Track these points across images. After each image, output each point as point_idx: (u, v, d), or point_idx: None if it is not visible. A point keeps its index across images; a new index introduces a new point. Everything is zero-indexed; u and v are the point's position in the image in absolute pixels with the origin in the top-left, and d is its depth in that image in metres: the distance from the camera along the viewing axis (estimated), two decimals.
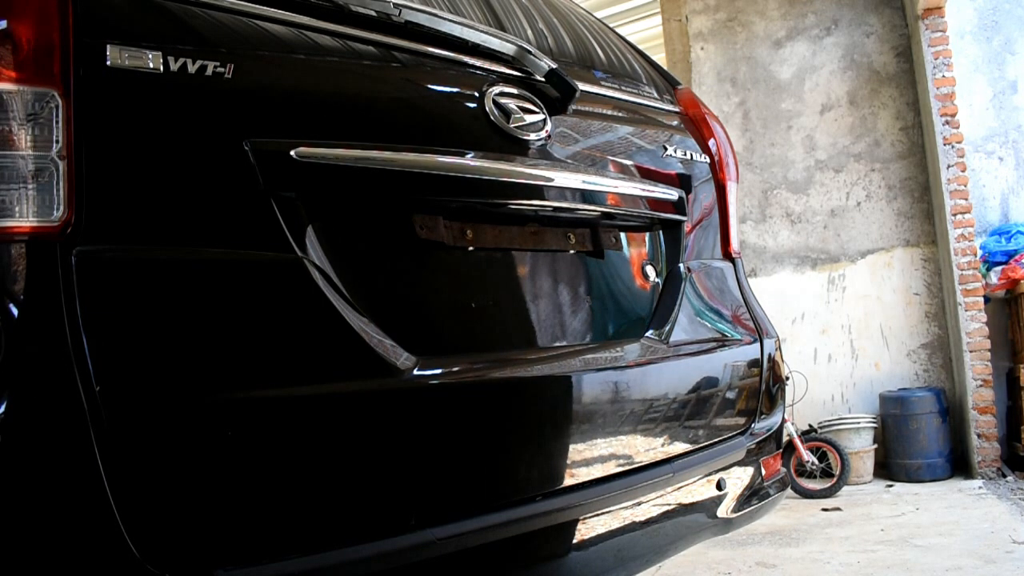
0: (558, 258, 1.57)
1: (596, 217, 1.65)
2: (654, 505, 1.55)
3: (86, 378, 0.93)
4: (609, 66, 1.88)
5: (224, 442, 1.02)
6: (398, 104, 1.36)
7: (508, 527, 1.27)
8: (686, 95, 2.03)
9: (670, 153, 1.84)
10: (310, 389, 1.11)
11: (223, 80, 1.12)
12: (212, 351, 1.05)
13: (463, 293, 1.39)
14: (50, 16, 0.98)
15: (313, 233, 1.19)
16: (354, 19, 1.32)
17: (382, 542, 1.13)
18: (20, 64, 0.96)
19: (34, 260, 0.95)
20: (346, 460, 1.14)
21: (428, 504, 1.21)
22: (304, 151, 1.17)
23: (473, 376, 1.32)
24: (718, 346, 1.81)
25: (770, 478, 1.86)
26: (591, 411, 1.45)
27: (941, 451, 5.32)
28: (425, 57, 1.41)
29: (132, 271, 1.01)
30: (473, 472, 1.29)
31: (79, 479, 0.92)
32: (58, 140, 0.97)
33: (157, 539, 0.96)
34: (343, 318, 1.16)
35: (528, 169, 1.46)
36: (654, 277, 1.76)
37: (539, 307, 1.50)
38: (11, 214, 0.95)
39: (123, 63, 1.03)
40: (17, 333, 0.92)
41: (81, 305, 0.95)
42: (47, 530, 0.90)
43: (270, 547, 1.05)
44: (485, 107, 1.42)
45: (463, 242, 1.39)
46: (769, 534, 4.06)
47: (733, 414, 1.80)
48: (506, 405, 1.35)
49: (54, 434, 0.91)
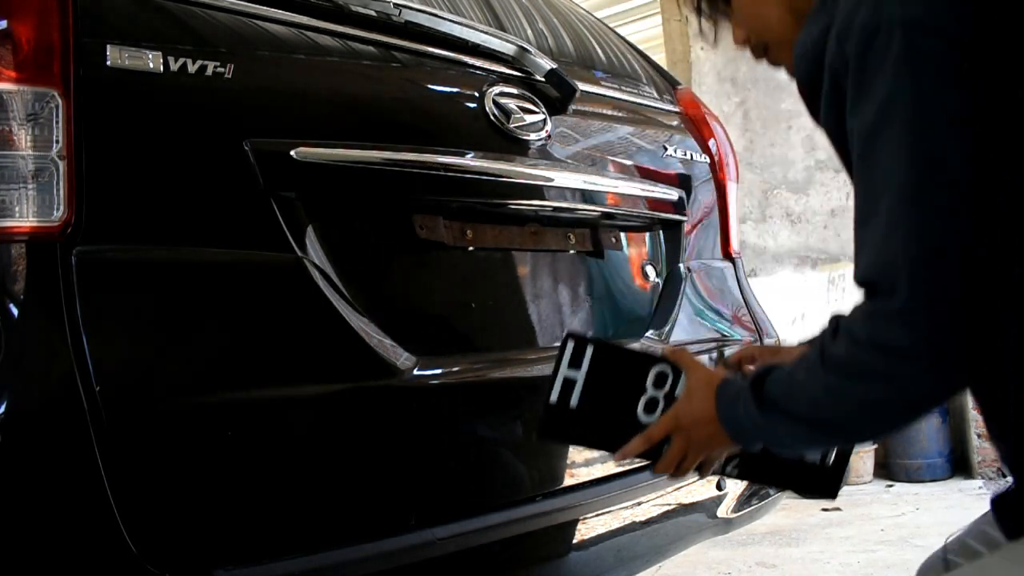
0: (558, 258, 1.57)
1: (596, 217, 1.65)
2: (654, 505, 1.55)
3: (86, 378, 0.93)
4: (609, 66, 1.88)
5: (224, 441, 1.03)
6: (398, 104, 1.36)
7: (508, 527, 1.27)
8: (686, 95, 2.03)
9: (670, 153, 1.84)
10: (310, 389, 1.11)
11: (223, 80, 1.12)
12: (212, 351, 1.05)
13: (463, 293, 1.39)
14: (50, 16, 0.98)
15: (313, 233, 1.19)
16: (354, 19, 1.32)
17: (382, 542, 1.13)
18: (20, 64, 0.96)
19: (34, 260, 0.95)
20: (346, 460, 1.14)
21: (428, 504, 1.21)
22: (304, 151, 1.17)
23: (473, 376, 1.32)
24: (718, 346, 1.81)
25: None
26: None
27: (941, 451, 5.32)
28: (425, 57, 1.41)
29: (132, 271, 1.01)
30: (473, 472, 1.29)
31: (79, 479, 0.92)
32: (58, 140, 0.97)
33: (157, 539, 0.96)
34: (343, 318, 1.16)
35: (528, 169, 1.46)
36: (654, 277, 1.76)
37: (539, 307, 1.50)
38: (11, 214, 0.95)
39: (123, 63, 1.03)
40: (17, 333, 0.92)
41: (81, 305, 0.95)
42: (47, 530, 0.90)
43: (270, 546, 1.05)
44: (485, 107, 1.42)
45: (463, 242, 1.39)
46: (769, 534, 4.06)
47: None
48: (506, 405, 1.35)
49: (54, 434, 0.92)
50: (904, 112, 0.81)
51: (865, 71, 0.84)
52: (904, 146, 0.81)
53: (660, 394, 1.11)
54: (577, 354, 1.11)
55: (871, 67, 0.84)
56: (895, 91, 0.82)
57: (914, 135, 0.81)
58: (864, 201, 0.86)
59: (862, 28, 0.84)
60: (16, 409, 0.89)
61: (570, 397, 1.11)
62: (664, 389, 1.11)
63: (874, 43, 0.83)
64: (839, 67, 0.88)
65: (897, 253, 0.80)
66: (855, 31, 0.85)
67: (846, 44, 0.87)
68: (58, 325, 0.93)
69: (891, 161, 0.81)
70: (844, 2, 0.90)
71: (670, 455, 1.07)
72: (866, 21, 0.84)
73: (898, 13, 0.82)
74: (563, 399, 1.11)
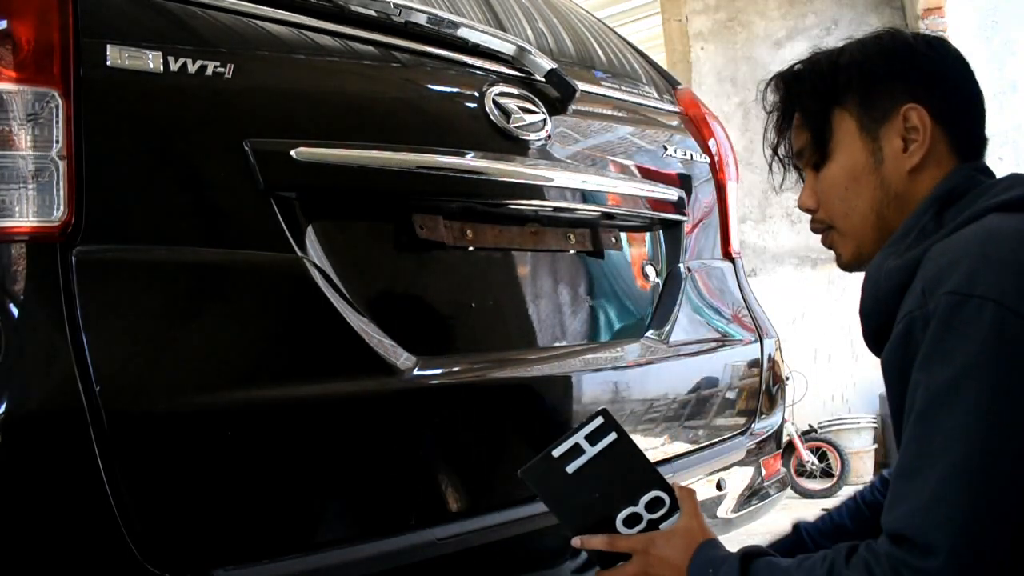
0: (558, 258, 1.57)
1: (596, 217, 1.65)
2: None
3: (86, 378, 0.93)
4: (609, 66, 1.88)
5: (224, 441, 1.02)
6: (398, 104, 1.36)
7: (508, 527, 1.27)
8: (686, 95, 2.03)
9: (670, 153, 1.84)
10: (310, 389, 1.11)
11: (223, 80, 1.11)
12: (212, 352, 1.05)
13: (463, 293, 1.39)
14: (50, 16, 0.98)
15: (313, 233, 1.19)
16: (354, 19, 1.32)
17: (382, 542, 1.13)
18: (20, 64, 0.96)
19: (34, 260, 0.95)
20: (346, 460, 1.14)
21: (428, 504, 1.21)
22: (304, 151, 1.17)
23: (473, 376, 1.32)
24: (718, 346, 1.81)
25: (770, 478, 1.86)
26: (591, 411, 1.45)
27: None
28: (425, 57, 1.41)
29: (132, 271, 1.01)
30: (473, 472, 1.29)
31: (79, 479, 0.92)
32: (58, 140, 0.97)
33: (156, 539, 0.96)
34: (343, 318, 1.16)
35: (528, 169, 1.46)
36: (654, 277, 1.76)
37: (539, 307, 1.50)
38: (11, 214, 0.95)
39: (123, 63, 1.03)
40: (17, 333, 0.92)
41: (81, 305, 0.95)
42: (47, 530, 0.90)
43: (270, 547, 1.05)
44: (485, 107, 1.42)
45: (463, 242, 1.39)
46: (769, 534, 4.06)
47: (733, 414, 1.80)
48: (506, 405, 1.35)
49: (54, 434, 0.91)
50: (980, 387, 0.83)
51: (948, 334, 0.86)
52: (975, 420, 0.82)
53: (647, 516, 1.13)
54: (599, 432, 1.13)
55: (955, 332, 0.85)
56: (976, 363, 0.83)
57: (987, 414, 0.82)
58: (915, 456, 0.87)
59: (954, 292, 0.86)
60: (16, 409, 0.89)
61: (571, 461, 1.12)
62: (653, 515, 1.13)
63: (963, 310, 0.85)
64: (918, 318, 0.89)
65: (943, 518, 0.82)
66: (945, 291, 0.87)
67: (931, 299, 0.88)
68: (58, 325, 0.93)
69: (957, 429, 0.83)
70: (937, 254, 0.91)
71: (622, 573, 1.10)
72: (959, 286, 0.86)
73: (994, 291, 0.84)
74: (564, 458, 1.12)
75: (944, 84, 1.08)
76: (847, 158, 1.10)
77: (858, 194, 1.09)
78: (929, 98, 1.06)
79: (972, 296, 0.85)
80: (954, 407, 0.84)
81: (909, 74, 1.08)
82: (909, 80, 1.08)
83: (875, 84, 1.09)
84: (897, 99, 1.07)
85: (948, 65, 1.10)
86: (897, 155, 1.07)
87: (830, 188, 1.12)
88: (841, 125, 1.10)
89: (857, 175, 1.09)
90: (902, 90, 1.07)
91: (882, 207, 1.08)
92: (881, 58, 1.09)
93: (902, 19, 5.91)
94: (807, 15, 6.17)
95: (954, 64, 1.10)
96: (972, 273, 0.86)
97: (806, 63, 1.15)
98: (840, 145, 1.10)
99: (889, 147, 1.07)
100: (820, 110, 1.11)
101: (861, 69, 1.09)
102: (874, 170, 1.08)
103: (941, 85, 1.08)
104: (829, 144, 1.11)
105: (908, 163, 1.06)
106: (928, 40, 1.12)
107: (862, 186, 1.08)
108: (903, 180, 1.07)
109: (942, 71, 1.09)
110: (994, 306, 0.83)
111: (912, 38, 1.12)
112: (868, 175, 1.08)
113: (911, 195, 1.06)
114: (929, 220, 1.01)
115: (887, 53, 1.09)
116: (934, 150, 1.06)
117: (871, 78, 1.09)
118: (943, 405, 0.85)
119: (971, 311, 0.84)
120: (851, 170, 1.09)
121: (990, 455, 0.82)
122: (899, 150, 1.07)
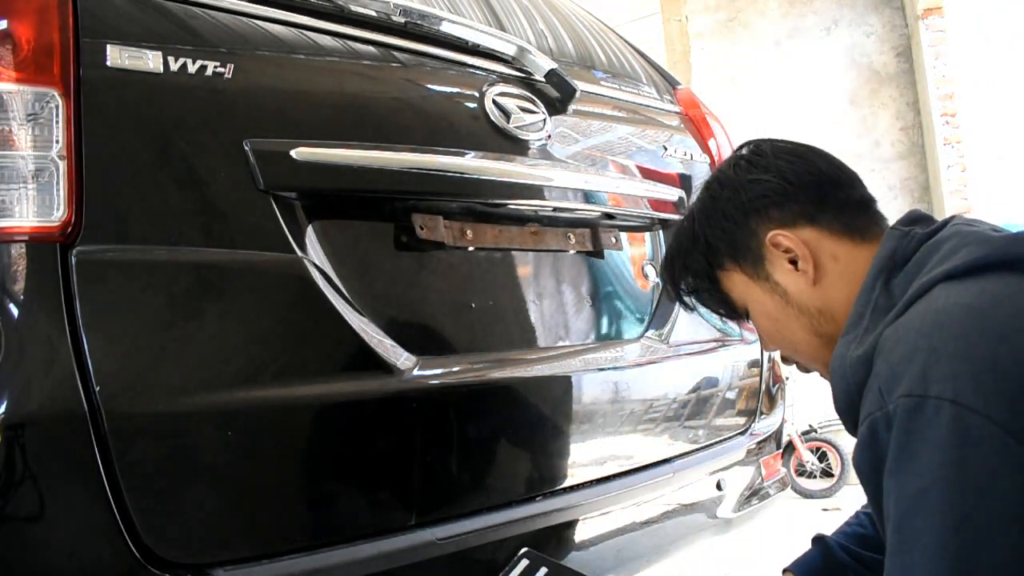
0: (558, 258, 1.57)
1: (596, 217, 1.65)
2: (654, 505, 1.55)
3: (86, 379, 0.93)
4: (609, 66, 1.88)
5: (223, 442, 1.03)
6: (398, 104, 1.36)
7: (508, 527, 1.27)
8: (686, 95, 2.03)
9: (670, 153, 1.84)
10: (310, 389, 1.11)
11: (223, 80, 1.11)
12: (212, 352, 1.05)
13: (463, 293, 1.39)
14: (50, 16, 0.98)
15: (313, 233, 1.19)
16: (354, 19, 1.32)
17: (382, 542, 1.13)
18: (20, 64, 0.96)
19: (34, 260, 0.95)
20: (346, 460, 1.14)
21: (428, 504, 1.21)
22: (304, 151, 1.17)
23: (473, 376, 1.32)
24: (718, 346, 1.81)
25: (770, 478, 1.86)
26: (591, 411, 1.45)
27: None
28: (425, 57, 1.41)
29: (132, 272, 1.01)
30: (473, 472, 1.29)
31: (78, 479, 0.92)
32: (58, 140, 0.97)
33: (156, 539, 0.96)
34: (343, 318, 1.16)
35: (528, 169, 1.46)
36: (654, 277, 1.76)
37: (539, 307, 1.50)
38: (11, 214, 0.95)
39: (123, 63, 1.03)
40: (17, 333, 0.92)
41: (81, 305, 0.95)
42: (47, 530, 0.90)
43: (270, 546, 1.05)
44: (485, 107, 1.42)
45: (463, 242, 1.39)
46: (769, 534, 4.06)
47: (733, 414, 1.80)
48: (506, 405, 1.35)
49: (54, 434, 0.91)
50: (947, 499, 0.81)
51: (910, 440, 0.84)
52: (950, 534, 0.80)
53: None
54: (529, 571, 1.16)
55: (916, 437, 0.83)
56: (941, 474, 0.81)
57: (959, 528, 0.80)
58: (900, 569, 0.85)
59: (908, 394, 0.84)
60: (16, 409, 0.89)
61: None
62: None
63: (921, 414, 0.83)
64: (880, 419, 0.87)
65: None
66: (901, 394, 0.84)
67: (889, 400, 0.86)
68: (58, 325, 0.93)
69: (931, 547, 0.81)
70: (890, 345, 0.89)
71: None
72: (913, 387, 0.83)
73: (948, 390, 0.81)
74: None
75: (785, 194, 1.07)
76: (758, 305, 1.11)
77: (788, 328, 1.10)
78: (783, 215, 1.07)
79: (928, 397, 0.82)
80: (927, 519, 0.82)
81: (752, 208, 1.08)
82: (758, 213, 1.08)
83: (732, 237, 1.10)
84: (758, 235, 1.08)
85: (777, 172, 1.09)
86: (794, 279, 1.07)
87: (764, 333, 1.15)
88: (733, 283, 1.12)
89: (775, 315, 1.10)
90: (756, 224, 1.08)
91: (816, 327, 1.07)
92: (720, 214, 1.11)
93: (902, 19, 5.90)
94: (807, 15, 6.17)
95: (783, 166, 1.09)
96: (925, 372, 0.83)
97: (671, 247, 1.19)
98: (744, 297, 1.12)
99: (783, 277, 1.08)
100: (708, 284, 1.15)
101: (713, 234, 1.11)
102: (785, 304, 1.09)
103: (783, 196, 1.07)
104: (736, 303, 1.14)
105: (807, 280, 1.06)
106: (749, 160, 1.12)
107: (786, 321, 1.09)
108: (815, 296, 1.06)
109: (776, 183, 1.08)
110: (951, 406, 0.81)
111: (734, 170, 1.12)
112: (783, 310, 1.09)
113: (832, 302, 1.05)
114: (879, 295, 0.98)
115: (725, 202, 1.11)
116: (821, 251, 1.05)
117: (726, 235, 1.10)
118: (916, 515, 0.83)
119: (929, 413, 0.82)
120: (768, 314, 1.11)
121: (965, 570, 0.80)
122: (792, 273, 1.07)
